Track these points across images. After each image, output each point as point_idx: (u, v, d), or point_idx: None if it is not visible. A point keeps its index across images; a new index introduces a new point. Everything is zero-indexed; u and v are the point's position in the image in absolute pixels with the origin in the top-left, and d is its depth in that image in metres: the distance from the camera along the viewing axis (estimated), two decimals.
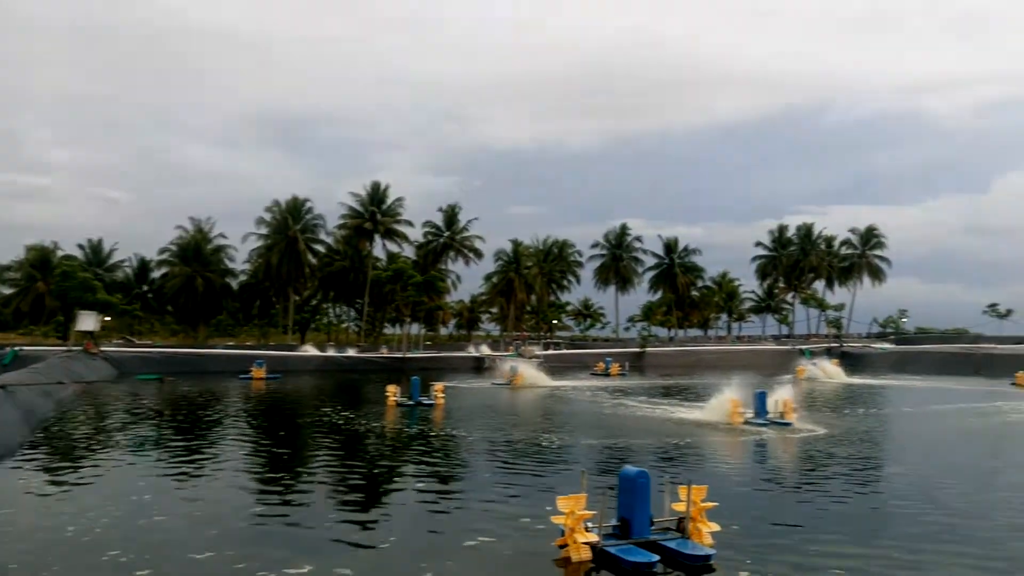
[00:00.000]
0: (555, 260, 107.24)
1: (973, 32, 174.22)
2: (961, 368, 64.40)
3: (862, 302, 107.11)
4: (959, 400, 38.09)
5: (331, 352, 71.36)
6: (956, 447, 24.31)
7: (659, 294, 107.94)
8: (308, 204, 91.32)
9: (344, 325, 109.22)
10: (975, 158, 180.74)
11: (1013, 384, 48.72)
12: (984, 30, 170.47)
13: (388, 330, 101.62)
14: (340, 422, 28.39)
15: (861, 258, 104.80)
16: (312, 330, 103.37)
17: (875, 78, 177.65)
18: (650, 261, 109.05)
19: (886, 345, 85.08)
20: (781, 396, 28.54)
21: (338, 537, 12.81)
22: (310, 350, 72.79)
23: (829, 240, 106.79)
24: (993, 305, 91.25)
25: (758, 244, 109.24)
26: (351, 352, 72.86)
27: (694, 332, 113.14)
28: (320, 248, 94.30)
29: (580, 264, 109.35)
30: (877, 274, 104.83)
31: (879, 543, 12.32)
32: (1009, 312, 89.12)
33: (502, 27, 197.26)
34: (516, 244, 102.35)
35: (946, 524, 13.72)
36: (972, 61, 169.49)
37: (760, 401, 28.33)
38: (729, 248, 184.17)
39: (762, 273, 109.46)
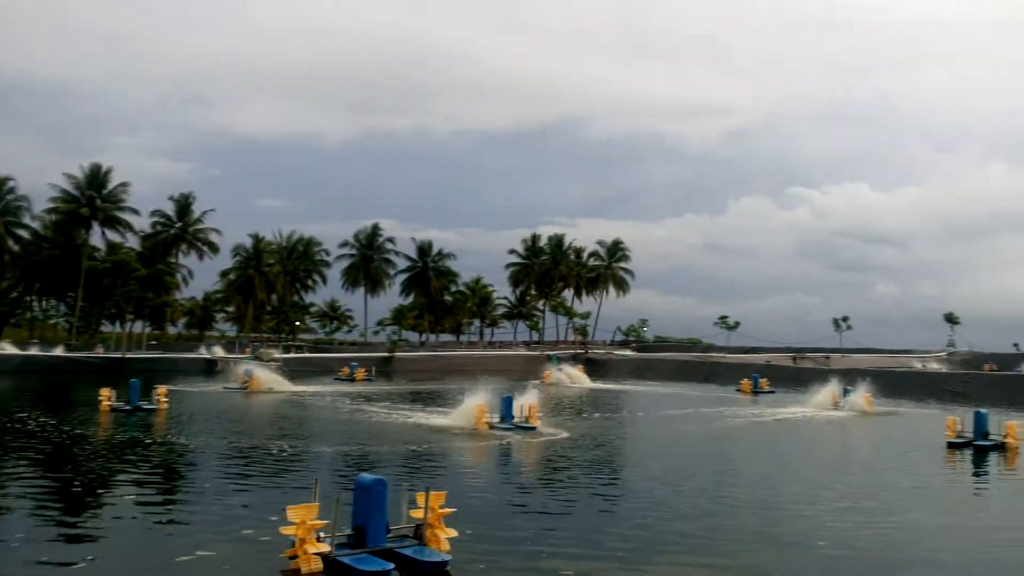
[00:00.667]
0: (300, 258, 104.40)
1: (717, 63, 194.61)
2: (694, 375, 71.53)
3: (607, 311, 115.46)
4: (690, 405, 42.24)
5: (34, 351, 65.68)
6: (683, 449, 26.84)
7: (411, 297, 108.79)
8: (11, 183, 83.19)
9: (52, 321, 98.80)
10: (714, 182, 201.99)
11: (738, 390, 54.94)
12: (728, 62, 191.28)
13: (107, 327, 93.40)
14: (38, 429, 25.58)
15: (607, 269, 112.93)
16: (12, 325, 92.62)
17: (631, 99, 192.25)
18: (402, 263, 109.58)
19: (628, 352, 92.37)
20: (527, 401, 29.92)
21: (34, 557, 11.56)
22: (7, 348, 66.92)
23: (579, 251, 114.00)
24: (724, 318, 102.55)
25: (512, 251, 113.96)
26: (59, 351, 67.33)
27: (446, 337, 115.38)
28: (24, 233, 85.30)
29: (327, 264, 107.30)
30: (622, 285, 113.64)
31: (611, 544, 13.25)
32: (737, 324, 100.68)
33: (259, 9, 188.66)
34: (257, 239, 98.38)
35: (674, 525, 15.06)
36: (715, 89, 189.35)
37: (506, 406, 29.48)
38: (484, 254, 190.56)
39: (515, 280, 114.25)
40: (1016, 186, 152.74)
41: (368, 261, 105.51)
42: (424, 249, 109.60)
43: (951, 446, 26.16)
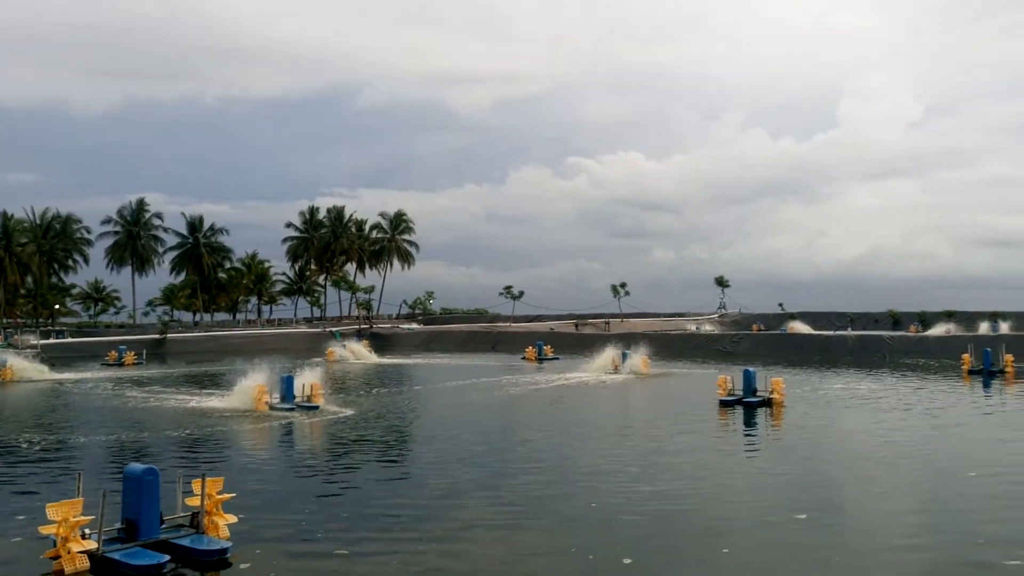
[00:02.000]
0: (57, 237, 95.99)
1: (493, 32, 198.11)
2: (481, 345, 73.62)
3: (392, 284, 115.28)
4: (476, 375, 43.56)
5: None
6: (466, 420, 27.68)
7: (182, 276, 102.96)
8: None
9: None
10: (492, 150, 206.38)
11: (523, 358, 57.22)
12: (505, 31, 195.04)
13: None
14: None
15: (391, 242, 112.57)
16: None
17: (408, 66, 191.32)
18: (172, 240, 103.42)
19: (414, 325, 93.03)
20: (309, 379, 29.58)
21: None
22: None
23: (360, 223, 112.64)
24: (508, 287, 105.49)
25: (289, 225, 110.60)
26: None
27: (222, 316, 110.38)
28: None
29: (89, 242, 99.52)
30: (406, 257, 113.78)
31: (385, 521, 13.59)
32: (521, 294, 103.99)
33: None
34: (6, 217, 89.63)
35: (452, 499, 15.69)
36: (492, 59, 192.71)
37: (287, 385, 28.97)
38: (260, 228, 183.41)
39: (294, 255, 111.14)
40: (776, 154, 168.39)
41: (134, 238, 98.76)
42: (195, 224, 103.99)
43: (723, 404, 28.89)
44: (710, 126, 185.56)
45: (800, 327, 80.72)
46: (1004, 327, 69.37)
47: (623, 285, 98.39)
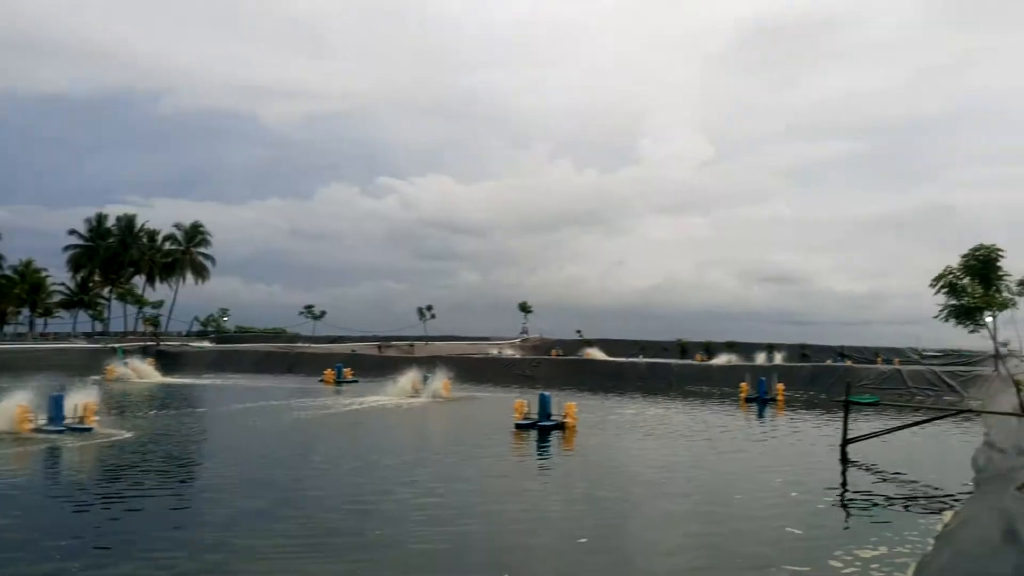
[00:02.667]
0: None
1: (306, 46, 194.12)
2: (277, 366, 70.92)
3: (184, 300, 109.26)
4: (267, 397, 41.87)
5: None
6: (248, 446, 26.50)
7: None
8: None
9: None
10: (300, 165, 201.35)
11: (321, 381, 55.74)
12: (318, 46, 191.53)
13: None
14: None
15: (185, 254, 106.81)
16: None
17: (216, 74, 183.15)
18: None
19: (205, 344, 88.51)
20: (82, 399, 27.32)
21: None
22: None
23: (152, 234, 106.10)
24: (309, 307, 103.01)
25: (73, 232, 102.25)
26: None
27: None
28: None
29: None
30: (201, 271, 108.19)
31: (162, 557, 12.68)
32: (323, 314, 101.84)
33: None
34: None
35: (209, 531, 14.88)
36: (306, 73, 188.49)
37: (56, 405, 26.68)
38: (38, 234, 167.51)
39: (75, 265, 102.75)
40: (580, 185, 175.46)
41: None
42: None
43: (519, 427, 29.51)
44: (519, 154, 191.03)
45: (596, 353, 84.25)
46: (778, 358, 75.87)
47: (429, 308, 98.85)
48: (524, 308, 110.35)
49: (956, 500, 17.54)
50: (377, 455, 23.99)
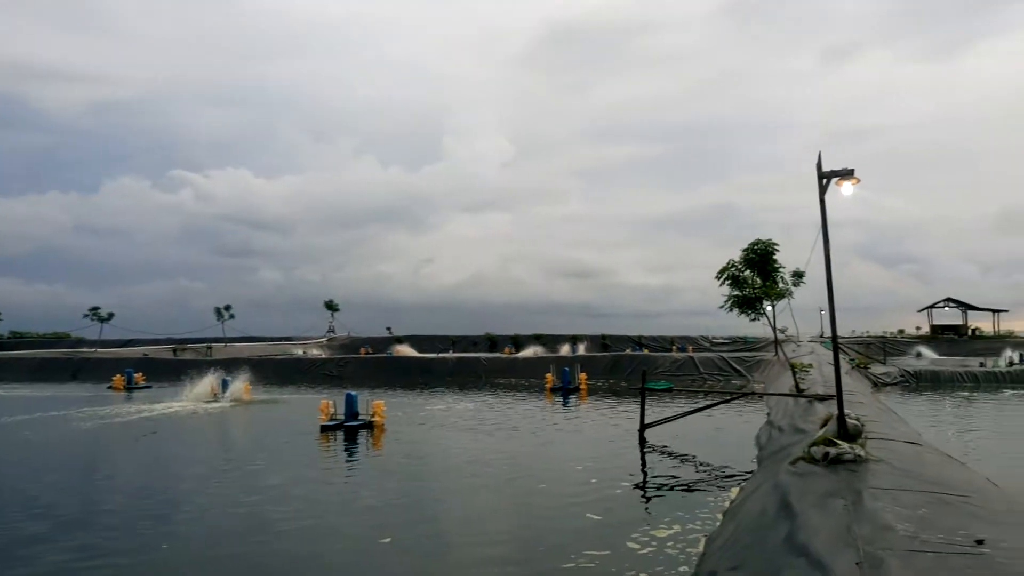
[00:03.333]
0: None
1: (95, 28, 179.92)
2: (59, 374, 65.32)
3: None
4: (44, 408, 38.34)
5: None
6: (13, 462, 24.16)
7: None
8: None
9: None
10: (83, 156, 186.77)
11: (110, 387, 51.84)
12: (105, 29, 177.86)
13: None
14: None
15: None
16: None
17: None
18: None
19: None
20: None
21: None
22: None
23: None
24: (95, 308, 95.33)
25: None
26: None
27: None
28: None
29: None
30: None
31: None
32: (111, 316, 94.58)
33: None
34: None
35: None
36: (90, 57, 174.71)
37: None
38: None
39: None
40: (386, 181, 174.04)
41: None
42: None
43: (324, 429, 28.64)
44: (323, 149, 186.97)
45: (406, 350, 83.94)
46: (581, 349, 78.76)
47: (227, 307, 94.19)
48: (331, 306, 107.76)
49: (743, 477, 18.78)
50: (167, 466, 22.49)
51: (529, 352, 74.84)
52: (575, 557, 12.33)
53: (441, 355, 72.62)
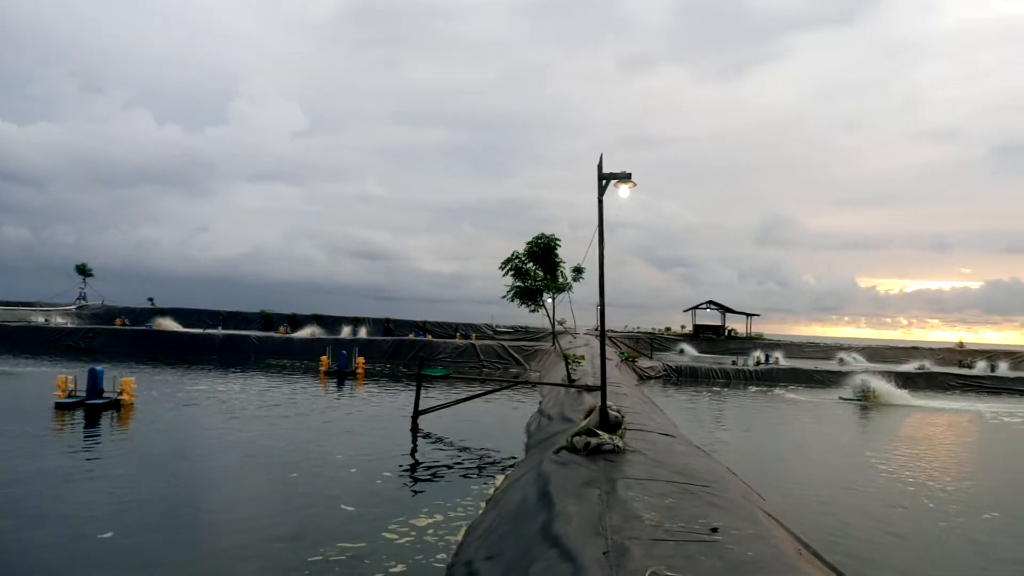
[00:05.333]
0: None
1: None
2: None
3: None
4: None
5: None
6: None
7: None
8: None
9: None
10: None
11: None
12: None
13: None
14: None
15: None
16: None
17: None
18: None
19: None
20: None
21: None
22: None
23: None
24: None
25: None
26: None
27: None
28: None
29: None
30: None
31: None
32: None
33: None
34: None
35: None
36: None
37: None
38: None
39: None
40: (161, 140, 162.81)
41: None
42: None
43: (60, 406, 26.16)
44: (90, 98, 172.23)
45: (169, 324, 78.95)
46: (363, 332, 77.87)
47: None
48: (83, 271, 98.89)
49: (510, 465, 19.24)
50: None
51: (306, 333, 72.88)
52: (324, 550, 11.98)
53: (208, 331, 68.99)
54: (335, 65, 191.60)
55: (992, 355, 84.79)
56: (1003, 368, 72.18)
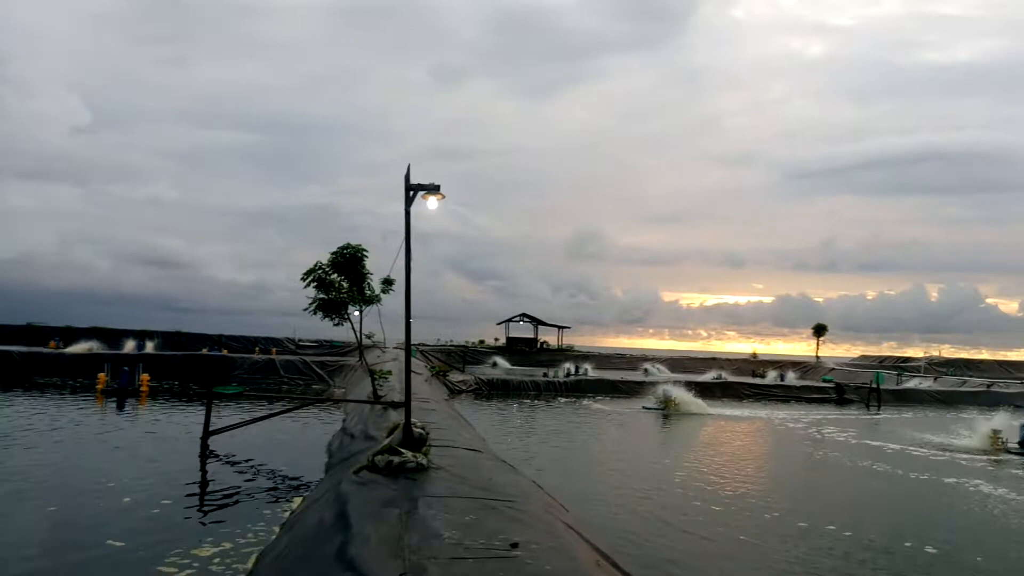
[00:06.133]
0: None
1: None
2: None
3: None
4: None
5: None
6: None
7: None
8: None
9: None
10: None
11: None
12: None
13: None
14: None
15: None
16: None
17: None
18: None
19: None
20: None
21: None
22: None
23: None
24: None
25: None
26: None
27: None
28: None
29: None
30: None
31: None
32: None
33: None
34: None
35: None
36: None
37: None
38: None
39: None
40: None
41: None
42: None
43: None
44: None
45: None
46: (150, 346, 73.38)
47: None
48: None
49: (308, 486, 18.61)
50: None
51: (82, 347, 67.69)
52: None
53: None
54: (123, 59, 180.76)
55: (782, 365, 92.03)
56: (791, 377, 78.35)
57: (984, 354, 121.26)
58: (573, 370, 69.71)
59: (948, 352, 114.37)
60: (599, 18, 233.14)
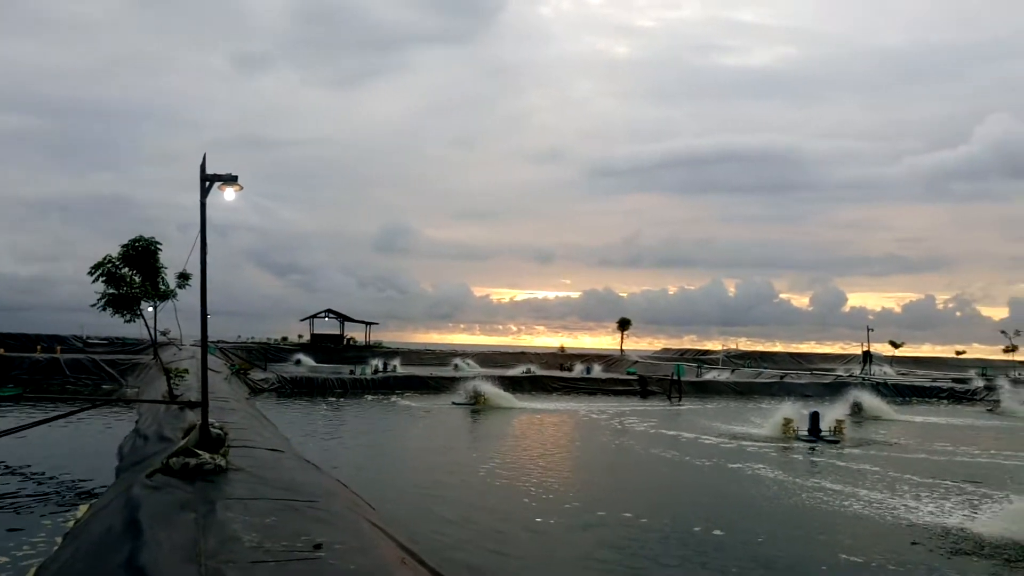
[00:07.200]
0: None
1: None
2: None
3: None
4: None
5: None
6: None
7: None
8: None
9: None
10: None
11: None
12: None
13: None
14: None
15: None
16: None
17: None
18: None
19: None
20: None
21: None
22: None
23: None
24: None
25: None
26: None
27: None
28: None
29: None
30: None
31: None
32: None
33: None
34: None
35: None
36: None
37: None
38: None
39: None
40: None
41: None
42: None
43: None
44: None
45: None
46: None
47: None
48: None
49: (96, 493, 17.65)
50: None
51: None
52: None
53: None
54: None
55: (588, 358, 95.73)
56: (597, 370, 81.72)
57: (778, 347, 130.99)
58: (381, 367, 69.43)
59: (744, 345, 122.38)
60: (408, 11, 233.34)
